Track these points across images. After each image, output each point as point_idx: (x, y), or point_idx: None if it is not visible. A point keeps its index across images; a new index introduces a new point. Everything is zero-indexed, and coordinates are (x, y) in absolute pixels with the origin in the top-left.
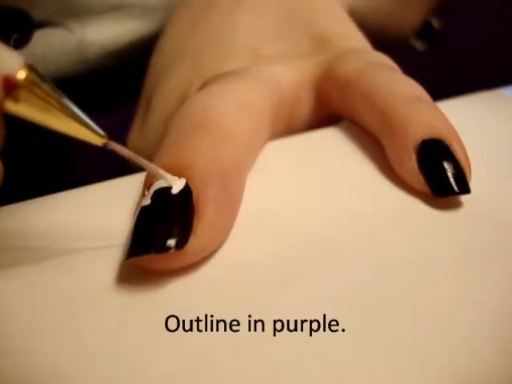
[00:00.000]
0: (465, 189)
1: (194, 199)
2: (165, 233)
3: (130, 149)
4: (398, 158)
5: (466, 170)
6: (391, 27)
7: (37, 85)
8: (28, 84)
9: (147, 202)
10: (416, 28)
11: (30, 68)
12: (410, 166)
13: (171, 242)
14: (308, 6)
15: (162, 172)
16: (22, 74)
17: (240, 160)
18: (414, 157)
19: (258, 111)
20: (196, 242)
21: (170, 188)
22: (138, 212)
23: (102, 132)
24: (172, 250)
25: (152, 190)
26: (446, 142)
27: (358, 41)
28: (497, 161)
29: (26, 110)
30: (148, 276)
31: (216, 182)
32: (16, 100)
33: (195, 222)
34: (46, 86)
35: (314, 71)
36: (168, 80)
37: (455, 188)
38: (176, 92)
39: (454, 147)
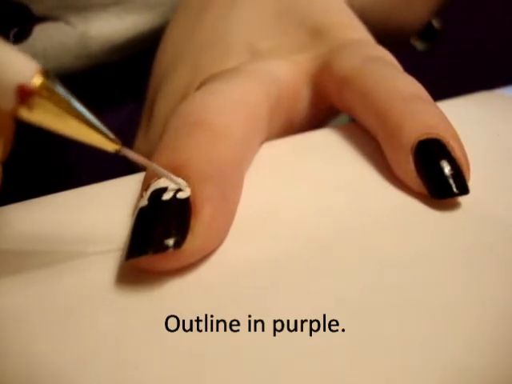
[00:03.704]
0: (463, 190)
1: (191, 199)
2: (162, 233)
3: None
4: (395, 159)
5: (465, 169)
6: (394, 22)
7: (51, 91)
8: (42, 91)
9: (145, 203)
10: (420, 26)
11: (45, 74)
12: (407, 168)
13: (169, 242)
14: None
15: (175, 178)
16: (36, 81)
17: (237, 158)
18: (411, 159)
19: (254, 109)
20: (194, 241)
21: (167, 189)
22: (136, 213)
23: (115, 138)
24: (170, 250)
25: (149, 191)
26: (444, 141)
27: (357, 31)
28: (497, 161)
29: (39, 117)
30: (148, 276)
31: (213, 180)
32: (30, 107)
33: (192, 222)
34: (60, 92)
35: (312, 65)
36: (169, 83)
37: (454, 190)
38: (177, 94)
39: (451, 145)
